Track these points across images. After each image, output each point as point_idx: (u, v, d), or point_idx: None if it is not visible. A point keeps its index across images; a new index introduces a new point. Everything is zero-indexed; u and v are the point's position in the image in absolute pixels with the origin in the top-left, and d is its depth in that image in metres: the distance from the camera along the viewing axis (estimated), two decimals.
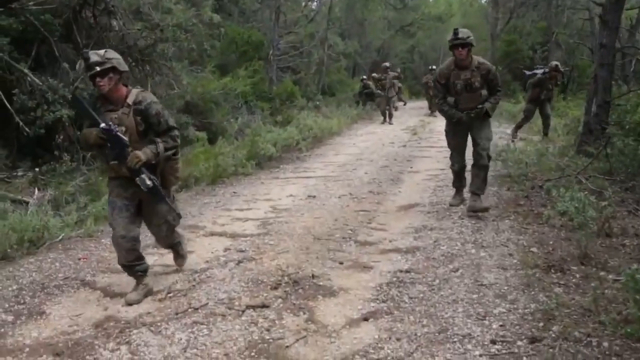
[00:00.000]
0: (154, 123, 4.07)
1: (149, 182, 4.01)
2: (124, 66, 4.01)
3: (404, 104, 25.95)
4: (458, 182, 6.90)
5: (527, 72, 14.70)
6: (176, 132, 4.21)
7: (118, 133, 3.89)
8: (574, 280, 4.24)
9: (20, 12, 7.86)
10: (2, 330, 3.74)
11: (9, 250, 5.15)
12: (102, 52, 3.92)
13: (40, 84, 7.55)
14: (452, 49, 6.09)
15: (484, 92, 6.22)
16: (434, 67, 21.39)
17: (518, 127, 12.85)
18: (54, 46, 8.18)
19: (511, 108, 18.91)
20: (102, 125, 3.85)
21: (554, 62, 12.65)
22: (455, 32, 6.01)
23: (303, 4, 26.76)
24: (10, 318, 3.92)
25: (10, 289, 4.46)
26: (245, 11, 20.14)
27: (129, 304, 4.10)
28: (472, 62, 6.16)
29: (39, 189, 6.96)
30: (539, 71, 12.40)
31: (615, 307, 3.61)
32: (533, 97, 12.35)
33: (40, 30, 8.00)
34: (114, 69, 3.90)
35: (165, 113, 4.16)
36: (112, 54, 3.97)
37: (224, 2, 18.85)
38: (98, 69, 3.82)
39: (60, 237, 5.67)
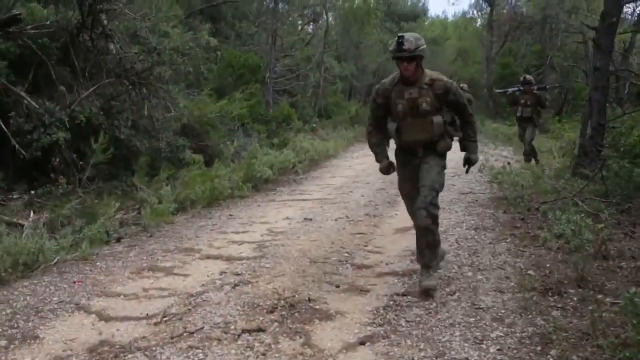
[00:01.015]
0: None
1: None
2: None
3: None
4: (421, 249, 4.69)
5: (499, 91, 14.46)
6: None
7: None
8: (571, 303, 4.23)
9: (18, 36, 7.90)
10: None
11: (3, 274, 5.11)
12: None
13: (37, 107, 7.56)
14: (397, 63, 4.58)
15: (438, 119, 4.61)
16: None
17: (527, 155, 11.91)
18: (52, 70, 8.20)
19: (507, 130, 19.01)
20: None
21: (527, 76, 12.19)
22: (400, 42, 4.39)
23: (300, 27, 26.97)
24: (3, 343, 3.88)
25: (4, 313, 4.42)
26: (242, 35, 20.26)
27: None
28: (422, 77, 4.63)
29: (34, 212, 6.93)
30: (512, 89, 12.08)
31: (614, 331, 3.60)
32: (516, 117, 12.09)
33: (38, 53, 8.04)
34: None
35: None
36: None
37: (221, 26, 19.00)
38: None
39: (56, 261, 5.63)
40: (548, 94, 12.22)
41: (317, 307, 4.38)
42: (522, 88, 11.70)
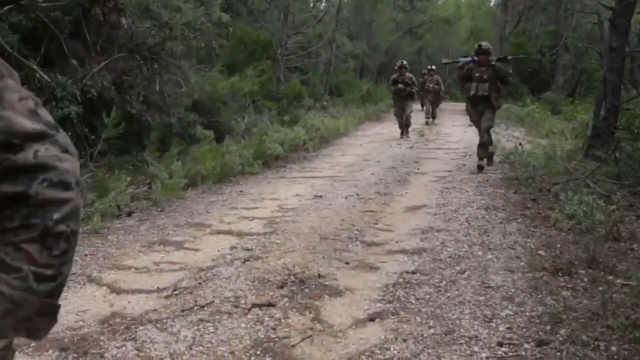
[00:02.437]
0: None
1: None
2: None
3: None
4: None
5: (446, 61, 12.66)
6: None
7: None
8: (581, 284, 4.22)
9: (30, 9, 7.88)
10: None
11: None
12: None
13: (49, 80, 7.57)
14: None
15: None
16: (433, 67, 19.80)
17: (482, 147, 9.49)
18: (63, 43, 8.19)
19: (519, 111, 18.87)
20: None
21: (483, 43, 9.37)
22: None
23: (312, 4, 26.79)
24: None
25: None
26: (253, 11, 20.16)
27: None
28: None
29: None
30: (463, 59, 9.49)
31: (624, 312, 3.59)
32: (467, 96, 9.62)
33: (50, 27, 8.02)
34: None
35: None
36: None
37: (233, 1, 18.87)
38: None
39: None
40: (510, 66, 9.33)
41: (327, 283, 4.39)
42: (476, 58, 9.08)
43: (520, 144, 10.92)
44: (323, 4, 27.44)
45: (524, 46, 25.43)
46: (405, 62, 15.14)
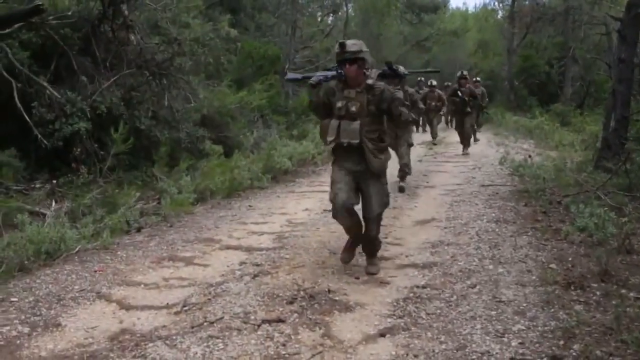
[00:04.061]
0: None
1: None
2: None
3: None
4: None
5: (292, 76, 7.95)
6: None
7: None
8: (594, 297, 4.17)
9: (40, 26, 7.96)
10: (19, 341, 3.73)
11: (26, 261, 5.16)
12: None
13: (59, 96, 7.62)
14: None
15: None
16: (434, 82, 17.29)
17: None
18: (73, 60, 8.26)
19: (527, 123, 18.81)
20: None
21: (348, 41, 6.82)
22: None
23: (319, 18, 26.91)
24: (26, 329, 3.92)
25: (26, 300, 4.47)
26: (261, 26, 20.27)
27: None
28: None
29: (56, 201, 7.00)
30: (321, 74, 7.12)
31: (638, 326, 3.54)
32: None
33: (60, 44, 8.09)
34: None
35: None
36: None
37: (241, 17, 19.00)
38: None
39: (77, 249, 5.68)
40: (405, 86, 7.88)
41: (337, 298, 4.37)
42: (340, 72, 7.15)
43: (530, 156, 10.88)
44: (331, 18, 27.57)
45: (532, 58, 25.45)
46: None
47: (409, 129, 9.31)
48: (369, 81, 4.70)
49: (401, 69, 5.05)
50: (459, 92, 13.31)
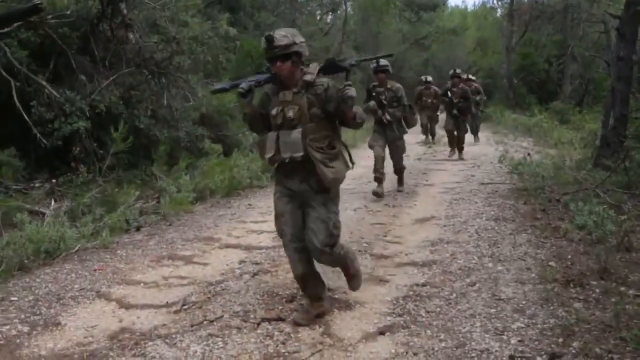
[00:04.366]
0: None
1: None
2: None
3: None
4: None
5: (220, 87, 6.62)
6: None
7: None
8: (593, 295, 4.17)
9: (39, 26, 7.96)
10: (18, 340, 3.74)
11: (25, 260, 5.17)
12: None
13: (58, 96, 7.63)
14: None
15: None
16: (429, 78, 16.12)
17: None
18: (72, 59, 8.26)
19: (526, 121, 18.81)
20: None
21: (276, 33, 5.92)
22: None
23: (318, 17, 26.91)
24: (26, 329, 3.92)
25: (26, 299, 4.47)
26: (260, 24, 20.25)
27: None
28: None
29: (55, 200, 7.00)
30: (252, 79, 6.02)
31: (637, 323, 3.54)
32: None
33: (58, 43, 8.10)
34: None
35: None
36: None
37: (240, 15, 19.00)
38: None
39: (76, 248, 5.69)
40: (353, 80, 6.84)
41: (336, 296, 4.37)
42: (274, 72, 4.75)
43: (529, 154, 10.87)
44: (330, 16, 27.57)
45: (531, 56, 25.44)
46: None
47: (401, 133, 8.42)
48: (307, 77, 3.79)
49: (348, 60, 3.96)
50: (448, 93, 12.71)
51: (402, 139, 8.53)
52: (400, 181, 8.85)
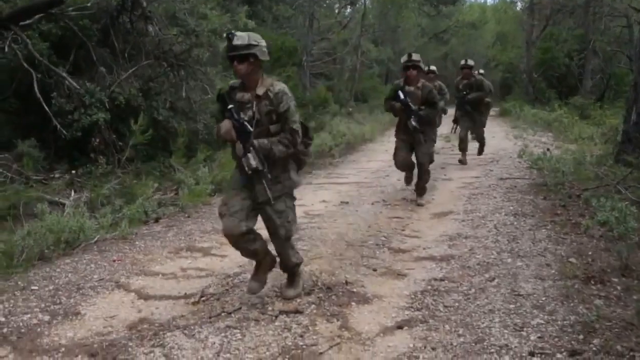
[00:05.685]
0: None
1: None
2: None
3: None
4: None
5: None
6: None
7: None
8: (614, 292, 4.12)
9: (59, 18, 8.00)
10: (39, 329, 3.77)
11: (46, 250, 5.22)
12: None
13: (78, 87, 7.67)
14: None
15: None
16: (432, 67, 12.28)
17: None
18: (92, 51, 8.30)
19: (546, 116, 18.64)
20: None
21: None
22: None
23: (337, 10, 26.82)
24: (46, 318, 3.96)
25: (46, 289, 4.51)
26: (279, 17, 20.23)
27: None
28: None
29: (75, 191, 7.06)
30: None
31: None
32: None
33: (79, 35, 8.14)
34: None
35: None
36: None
37: (258, 8, 18.98)
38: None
39: (96, 239, 5.73)
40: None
41: (354, 289, 4.36)
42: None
43: (549, 149, 10.78)
44: (348, 10, 27.47)
45: (551, 50, 25.17)
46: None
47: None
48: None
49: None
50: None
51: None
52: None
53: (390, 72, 30.35)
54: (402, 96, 6.98)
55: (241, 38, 3.73)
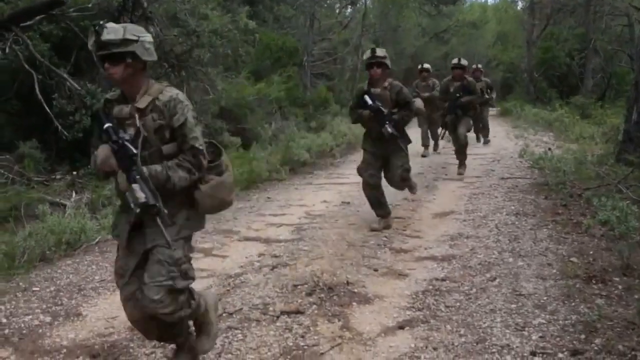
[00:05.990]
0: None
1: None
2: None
3: None
4: None
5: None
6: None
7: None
8: (616, 291, 4.12)
9: (60, 19, 8.02)
10: (40, 330, 3.78)
11: (47, 252, 5.23)
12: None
13: (79, 88, 7.68)
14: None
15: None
16: (426, 65, 12.27)
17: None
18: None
19: (547, 116, 18.62)
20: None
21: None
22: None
23: (337, 10, 26.82)
24: (48, 319, 3.96)
25: (48, 290, 4.52)
26: (279, 17, 20.21)
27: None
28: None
29: (76, 192, 7.07)
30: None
31: None
32: None
33: (80, 36, 8.14)
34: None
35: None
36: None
37: (259, 8, 18.97)
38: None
39: (97, 240, 5.73)
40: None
41: (355, 290, 4.36)
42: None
43: (550, 148, 10.77)
44: (349, 10, 27.46)
45: (552, 50, 25.14)
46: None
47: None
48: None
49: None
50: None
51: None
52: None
53: (391, 72, 30.34)
54: (369, 101, 6.00)
55: (114, 31, 2.72)
